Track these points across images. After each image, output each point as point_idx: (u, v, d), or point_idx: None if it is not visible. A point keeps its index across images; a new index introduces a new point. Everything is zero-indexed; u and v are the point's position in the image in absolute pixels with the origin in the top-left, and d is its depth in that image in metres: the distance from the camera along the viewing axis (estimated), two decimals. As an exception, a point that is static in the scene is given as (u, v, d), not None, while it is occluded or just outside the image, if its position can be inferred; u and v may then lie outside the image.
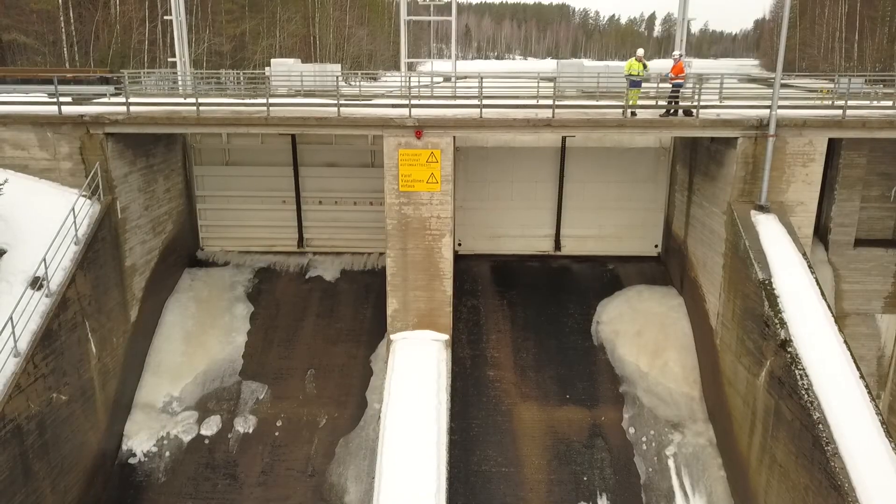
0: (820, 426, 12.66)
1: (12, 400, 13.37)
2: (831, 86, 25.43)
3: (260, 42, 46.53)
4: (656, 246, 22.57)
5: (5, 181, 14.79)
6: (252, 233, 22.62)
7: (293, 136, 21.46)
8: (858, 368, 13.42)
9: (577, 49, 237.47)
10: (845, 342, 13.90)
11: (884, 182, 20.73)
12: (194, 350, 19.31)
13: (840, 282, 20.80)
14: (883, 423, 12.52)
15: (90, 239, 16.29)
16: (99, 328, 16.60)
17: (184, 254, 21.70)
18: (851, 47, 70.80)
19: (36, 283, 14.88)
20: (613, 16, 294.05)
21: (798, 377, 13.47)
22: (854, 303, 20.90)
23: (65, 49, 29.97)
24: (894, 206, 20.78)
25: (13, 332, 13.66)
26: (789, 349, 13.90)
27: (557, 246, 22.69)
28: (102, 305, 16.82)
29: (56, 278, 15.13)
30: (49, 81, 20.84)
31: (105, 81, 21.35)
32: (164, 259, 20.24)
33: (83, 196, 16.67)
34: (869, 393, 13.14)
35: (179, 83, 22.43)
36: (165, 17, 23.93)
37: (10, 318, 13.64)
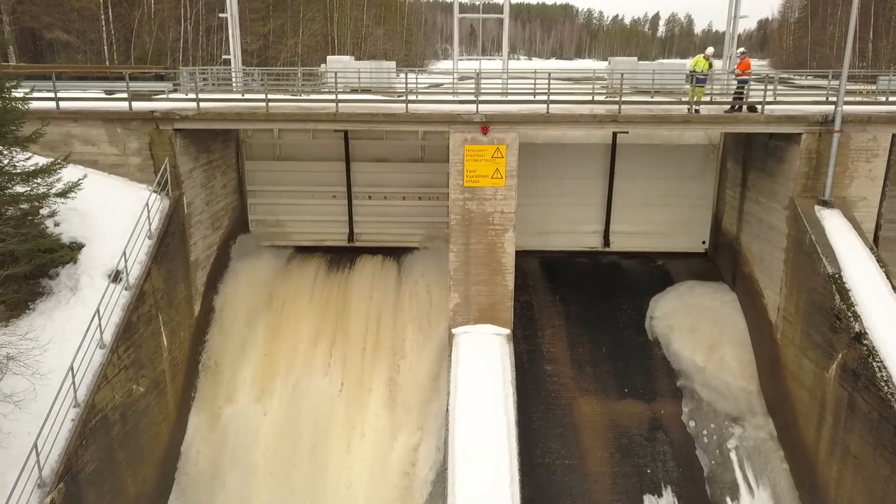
0: (901, 415, 12.85)
1: (101, 390, 13.56)
2: (872, 87, 25.73)
3: (285, 41, 46.72)
4: (704, 242, 22.72)
5: (84, 176, 14.94)
6: (302, 227, 22.77)
7: (346, 132, 21.63)
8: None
9: (581, 49, 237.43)
10: (922, 334, 14.08)
11: (931, 179, 20.89)
12: (258, 332, 19.49)
13: (891, 278, 20.94)
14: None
15: (162, 233, 16.49)
16: (169, 321, 16.80)
17: (235, 249, 21.85)
18: (865, 46, 70.89)
19: (115, 276, 15.07)
20: (617, 16, 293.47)
21: (876, 369, 13.65)
22: (903, 299, 21.03)
23: (104, 47, 30.12)
24: (942, 203, 20.93)
25: (99, 325, 13.85)
26: (865, 342, 14.08)
27: (606, 242, 22.86)
28: (172, 299, 17.02)
29: (134, 272, 15.32)
30: (104, 78, 21.02)
31: (160, 78, 21.50)
32: (221, 254, 20.43)
33: (152, 192, 16.84)
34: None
35: (234, 80, 22.55)
36: (220, 15, 24.04)
37: (97, 310, 13.83)
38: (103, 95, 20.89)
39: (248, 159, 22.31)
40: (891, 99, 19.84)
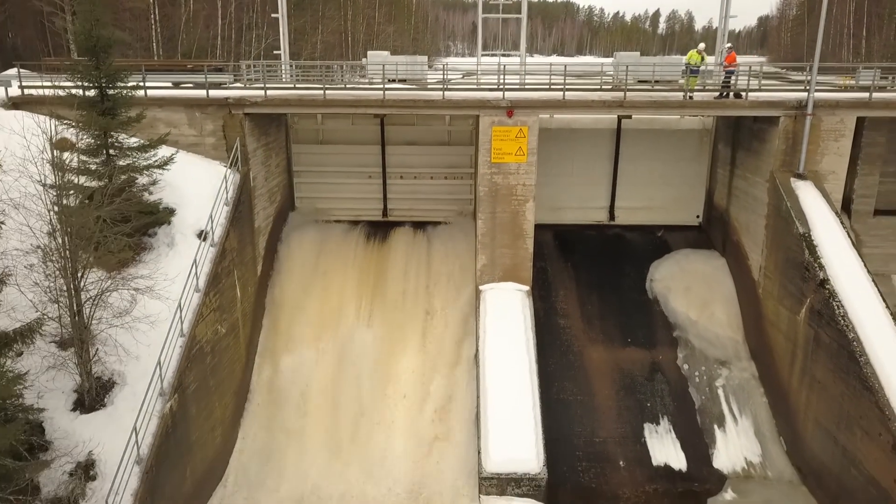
0: (854, 343, 15.82)
1: (199, 325, 16.51)
2: (852, 82, 28.70)
3: (306, 38, 49.62)
4: (698, 216, 25.62)
5: (176, 152, 17.88)
6: (342, 204, 25.60)
7: (382, 119, 24.52)
8: (884, 299, 16.56)
9: (582, 46, 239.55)
10: (872, 280, 17.04)
11: (898, 160, 23.82)
12: (311, 292, 22.37)
13: (861, 246, 23.82)
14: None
15: (235, 202, 19.40)
16: (241, 276, 19.75)
17: (286, 221, 24.77)
18: (859, 43, 73.63)
19: (202, 235, 18.01)
20: (618, 13, 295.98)
21: (835, 307, 16.63)
22: (873, 265, 23.61)
23: (153, 44, 33.03)
24: (909, 181, 23.86)
25: (196, 273, 16.81)
26: (827, 286, 17.05)
27: (612, 216, 25.79)
28: (243, 258, 19.97)
29: (217, 232, 18.25)
30: (169, 70, 23.93)
31: (218, 71, 24.41)
32: (276, 225, 23.36)
33: (226, 168, 19.75)
34: (893, 318, 16.29)
35: (283, 71, 25.48)
36: (273, 15, 26.99)
37: (194, 260, 16.79)
38: (169, 85, 23.75)
39: (294, 143, 25.20)
40: (862, 87, 22.72)
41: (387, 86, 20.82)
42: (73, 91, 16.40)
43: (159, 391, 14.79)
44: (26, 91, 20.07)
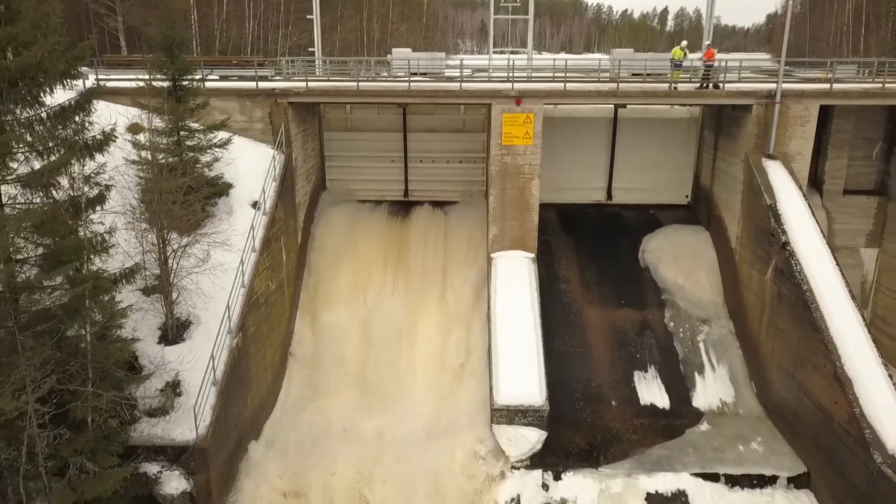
0: (808, 293, 18.81)
1: (255, 279, 19.67)
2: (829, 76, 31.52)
3: (327, 36, 52.76)
4: (686, 196, 28.58)
5: (234, 134, 21.03)
6: (368, 185, 28.65)
7: (404, 108, 27.59)
8: (835, 257, 19.54)
9: (590, 44, 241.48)
10: (826, 241, 20.02)
11: (867, 144, 26.67)
12: (343, 261, 25.48)
13: (832, 223, 26.82)
14: (849, 288, 18.67)
15: (281, 178, 22.53)
16: (286, 243, 22.89)
17: (319, 200, 27.90)
18: (858, 41, 76.02)
19: (255, 205, 21.16)
20: (626, 10, 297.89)
21: (794, 265, 19.60)
22: (843, 239, 26.90)
23: (193, 43, 36.24)
24: (875, 163, 26.75)
25: (253, 235, 19.96)
26: (788, 248, 20.02)
27: (609, 196, 28.79)
28: (287, 227, 23.11)
29: (268, 203, 21.39)
30: (215, 65, 27.09)
31: (261, 66, 27.56)
32: (311, 202, 26.50)
33: (272, 150, 22.88)
34: (841, 272, 19.29)
35: (318, 66, 28.63)
36: (308, 17, 30.20)
37: (252, 225, 19.96)
38: (217, 78, 26.90)
39: (326, 130, 28.33)
40: (826, 79, 25.59)
41: (410, 79, 23.89)
42: (152, 83, 19.49)
43: (227, 329, 17.95)
44: (101, 83, 23.22)
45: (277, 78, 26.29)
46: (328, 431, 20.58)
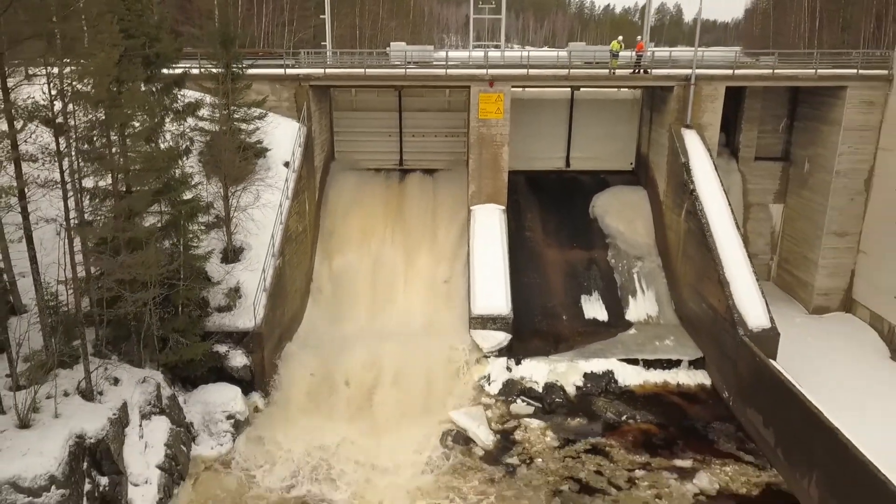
0: (705, 225, 25.20)
1: (289, 219, 25.77)
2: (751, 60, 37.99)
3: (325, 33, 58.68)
4: (630, 163, 34.91)
5: (269, 110, 27.11)
6: (369, 156, 34.70)
7: (399, 91, 33.68)
8: (728, 198, 25.95)
9: (573, 38, 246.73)
10: (721, 187, 26.41)
11: (774, 120, 33.13)
12: (352, 216, 31.59)
13: (746, 183, 33.29)
14: (735, 221, 25.11)
15: (304, 145, 28.58)
16: (308, 197, 28.98)
17: (329, 167, 33.98)
18: (813, 35, 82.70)
19: (286, 164, 27.24)
20: (608, 5, 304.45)
21: (697, 207, 26.00)
22: (755, 197, 33.41)
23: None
24: (781, 135, 33.20)
25: (287, 187, 26.06)
26: (694, 193, 26.41)
27: (567, 164, 35.09)
28: (309, 185, 29.19)
29: (295, 163, 27.46)
30: (246, 56, 33.05)
31: (280, 58, 33.60)
32: (324, 169, 32.59)
33: (297, 123, 28.92)
34: (732, 213, 25.68)
35: (328, 56, 34.76)
36: (321, 17, 36.28)
37: (286, 178, 26.07)
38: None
39: (335, 110, 34.40)
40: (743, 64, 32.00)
41: (406, 67, 30.00)
42: (210, 69, 25.43)
43: (272, 253, 24.08)
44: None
45: (295, 67, 32.29)
46: (344, 336, 26.70)
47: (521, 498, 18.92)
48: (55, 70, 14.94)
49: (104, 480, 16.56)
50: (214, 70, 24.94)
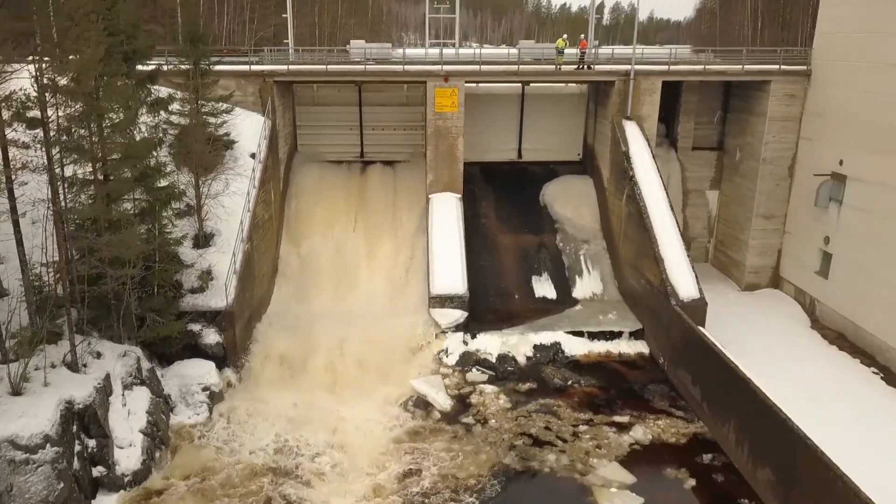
0: (643, 208, 27.54)
1: (256, 207, 27.31)
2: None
3: (285, 31, 59.91)
4: (578, 154, 37.21)
5: (236, 104, 28.58)
6: (331, 148, 36.26)
7: (360, 86, 35.37)
8: (664, 181, 28.33)
9: (530, 36, 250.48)
10: (658, 173, 28.78)
11: (709, 113, 35.70)
12: (316, 205, 33.19)
13: (684, 171, 35.85)
14: (670, 203, 27.47)
15: (269, 138, 30.10)
16: (274, 187, 30.52)
17: (293, 159, 35.47)
18: (756, 34, 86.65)
19: (253, 155, 28.75)
20: (565, 4, 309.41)
21: (636, 191, 28.32)
22: (693, 184, 35.98)
23: (179, 36, 43.12)
24: (715, 126, 35.81)
25: (254, 176, 27.59)
26: (634, 179, 28.74)
27: (520, 155, 37.23)
28: (274, 175, 30.71)
29: (261, 155, 28.97)
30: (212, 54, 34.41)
31: (244, 55, 34.99)
32: (288, 160, 34.11)
33: (262, 117, 30.41)
34: (668, 198, 28.05)
35: (291, 53, 36.27)
36: (282, 16, 37.73)
37: (253, 168, 27.60)
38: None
39: (298, 105, 35.91)
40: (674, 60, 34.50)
41: (366, 63, 31.74)
42: (180, 66, 26.78)
43: (241, 238, 25.62)
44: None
45: (259, 64, 33.75)
46: (311, 317, 28.36)
47: (480, 452, 20.87)
48: (44, 65, 16.36)
49: (92, 443, 18.03)
50: (184, 66, 26.34)
